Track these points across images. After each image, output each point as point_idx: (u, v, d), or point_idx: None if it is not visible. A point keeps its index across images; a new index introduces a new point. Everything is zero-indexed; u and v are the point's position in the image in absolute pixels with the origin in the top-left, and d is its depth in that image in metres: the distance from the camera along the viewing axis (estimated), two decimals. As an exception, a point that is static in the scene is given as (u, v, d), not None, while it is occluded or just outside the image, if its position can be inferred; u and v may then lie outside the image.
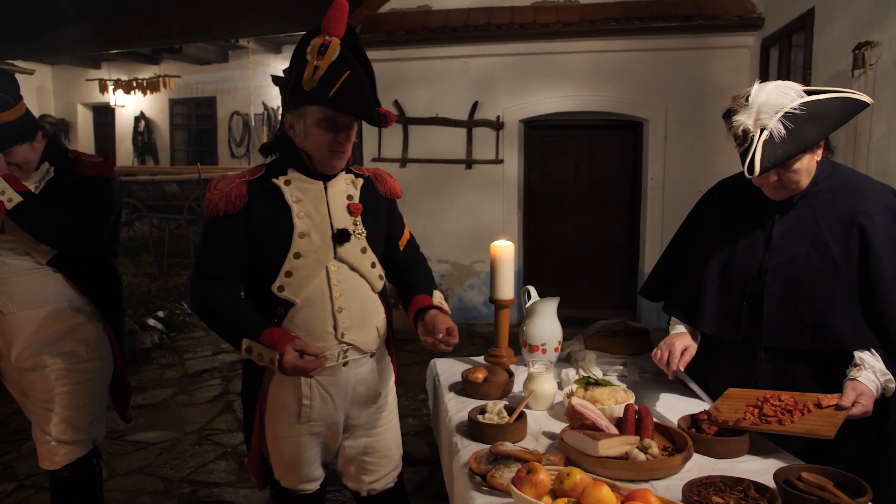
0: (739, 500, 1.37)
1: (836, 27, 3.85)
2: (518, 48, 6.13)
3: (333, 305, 1.91)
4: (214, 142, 13.84)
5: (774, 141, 1.76)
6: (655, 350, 2.09)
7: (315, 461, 2.10)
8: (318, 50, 1.78)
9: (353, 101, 1.79)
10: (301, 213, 1.89)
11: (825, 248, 1.87)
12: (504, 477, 1.57)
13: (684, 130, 5.98)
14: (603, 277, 6.80)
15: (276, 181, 1.89)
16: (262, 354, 1.75)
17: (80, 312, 2.50)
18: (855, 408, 1.72)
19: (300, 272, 1.87)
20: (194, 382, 5.21)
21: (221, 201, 1.84)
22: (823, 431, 1.62)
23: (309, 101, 1.81)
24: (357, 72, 1.79)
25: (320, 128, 1.83)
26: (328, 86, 1.75)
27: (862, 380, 1.76)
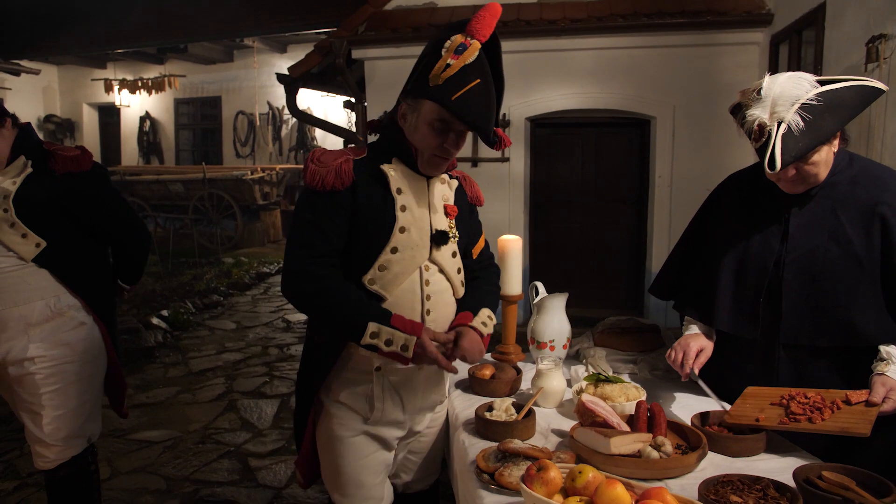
0: (758, 499, 1.31)
1: (849, 21, 3.78)
2: (524, 45, 6.07)
3: (423, 307, 1.82)
4: (219, 141, 13.85)
5: (793, 134, 1.71)
6: (669, 351, 2.03)
7: (378, 474, 1.92)
8: (456, 49, 1.67)
9: (473, 112, 1.67)
10: (403, 206, 1.78)
11: (845, 240, 1.82)
12: (513, 475, 1.52)
13: (692, 128, 5.91)
14: (610, 276, 6.73)
15: (383, 167, 1.78)
16: (393, 339, 1.66)
17: (68, 308, 2.44)
18: (886, 403, 1.66)
19: (394, 267, 1.77)
20: (198, 381, 5.18)
21: (330, 175, 1.72)
22: (859, 429, 1.56)
23: (429, 97, 1.70)
24: (488, 83, 1.69)
25: (432, 128, 1.73)
26: (453, 88, 1.65)
27: (891, 374, 1.71)
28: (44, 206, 2.35)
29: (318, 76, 7.00)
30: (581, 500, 1.26)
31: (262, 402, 4.68)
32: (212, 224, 11.17)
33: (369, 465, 1.89)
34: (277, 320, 7.06)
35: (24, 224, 2.31)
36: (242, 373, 5.36)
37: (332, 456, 1.89)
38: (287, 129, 13.41)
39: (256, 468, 3.69)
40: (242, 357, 5.78)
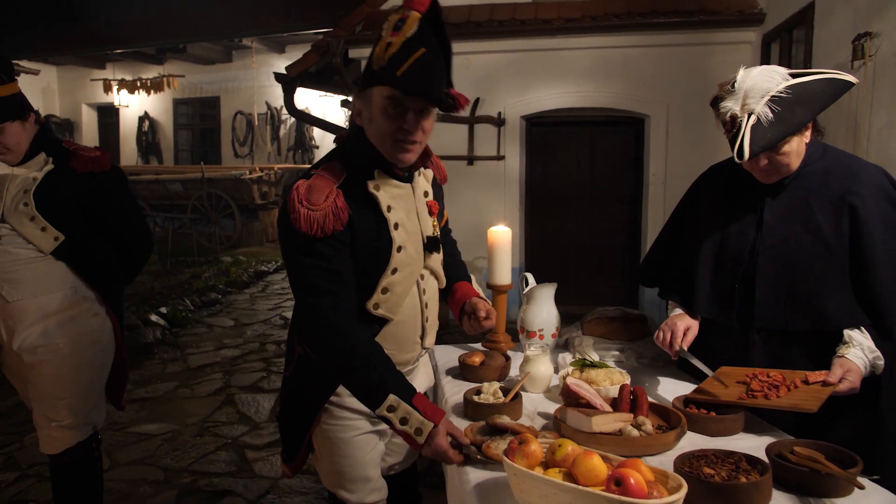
0: (731, 471, 1.37)
1: (836, 19, 3.85)
2: (519, 44, 6.15)
3: (423, 316, 1.81)
4: (218, 141, 13.92)
5: (762, 125, 1.77)
6: (657, 332, 2.09)
7: (378, 464, 1.93)
8: (395, 25, 1.55)
9: (420, 82, 1.52)
10: (396, 224, 1.69)
11: (817, 228, 1.88)
12: (499, 448, 1.57)
13: (686, 126, 5.98)
14: (605, 273, 6.79)
15: (371, 189, 1.66)
16: (410, 419, 1.56)
17: (83, 299, 2.53)
18: (842, 384, 1.72)
19: (396, 288, 1.71)
20: (196, 377, 5.23)
21: (328, 220, 1.58)
22: (807, 405, 1.63)
23: (376, 81, 1.57)
24: (433, 50, 1.54)
25: (385, 113, 1.59)
26: (398, 63, 1.51)
27: (850, 357, 1.77)
28: (63, 202, 2.45)
29: (316, 76, 7.07)
30: (560, 471, 1.31)
31: (259, 397, 4.73)
32: (210, 223, 11.23)
33: (373, 459, 1.90)
34: (275, 317, 7.11)
35: (43, 218, 2.39)
36: (240, 368, 5.41)
37: (338, 457, 1.85)
38: (285, 129, 13.47)
39: (253, 460, 3.74)
40: (240, 353, 5.83)
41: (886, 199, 1.87)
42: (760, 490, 1.30)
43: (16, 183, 2.41)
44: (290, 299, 8.01)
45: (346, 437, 1.83)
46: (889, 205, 1.87)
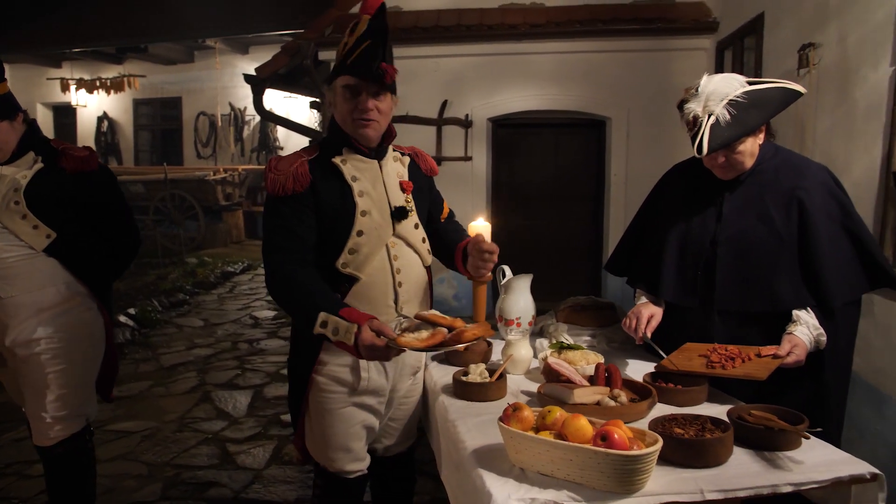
0: (698, 431, 1.56)
1: (784, 30, 4.13)
2: (486, 48, 6.32)
3: (395, 280, 2.00)
4: (180, 142, 13.76)
5: (720, 125, 1.98)
6: (624, 319, 2.28)
7: (362, 438, 2.10)
8: (351, 28, 1.90)
9: (363, 65, 1.86)
10: (361, 192, 1.95)
11: (770, 220, 2.09)
12: (408, 337, 1.71)
13: (646, 128, 6.24)
14: (569, 270, 7.01)
15: (334, 160, 1.96)
16: (339, 328, 1.74)
17: (77, 294, 2.60)
18: (789, 357, 1.94)
19: (363, 249, 1.94)
20: (170, 375, 5.26)
21: (289, 180, 1.89)
22: (757, 374, 1.84)
23: (335, 74, 1.93)
24: (376, 40, 1.87)
25: (343, 97, 1.92)
26: (349, 56, 1.87)
27: (797, 333, 1.99)
28: (54, 200, 2.51)
29: (285, 77, 7.12)
30: (551, 433, 1.48)
31: (235, 393, 4.80)
32: (174, 225, 11.13)
33: (357, 433, 2.07)
34: (245, 317, 7.15)
35: (35, 216, 2.45)
36: (214, 366, 5.46)
37: (323, 427, 2.05)
38: (249, 130, 13.41)
39: (235, 453, 3.83)
40: (213, 352, 5.87)
41: (829, 194, 2.10)
42: (724, 444, 1.50)
43: (5, 182, 2.46)
44: (258, 299, 8.04)
45: (330, 408, 2.03)
46: (832, 199, 2.10)
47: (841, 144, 3.42)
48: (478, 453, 1.61)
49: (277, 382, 5.00)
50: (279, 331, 6.54)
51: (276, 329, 6.61)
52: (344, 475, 2.08)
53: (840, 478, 1.47)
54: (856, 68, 3.27)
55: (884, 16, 3.03)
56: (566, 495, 1.36)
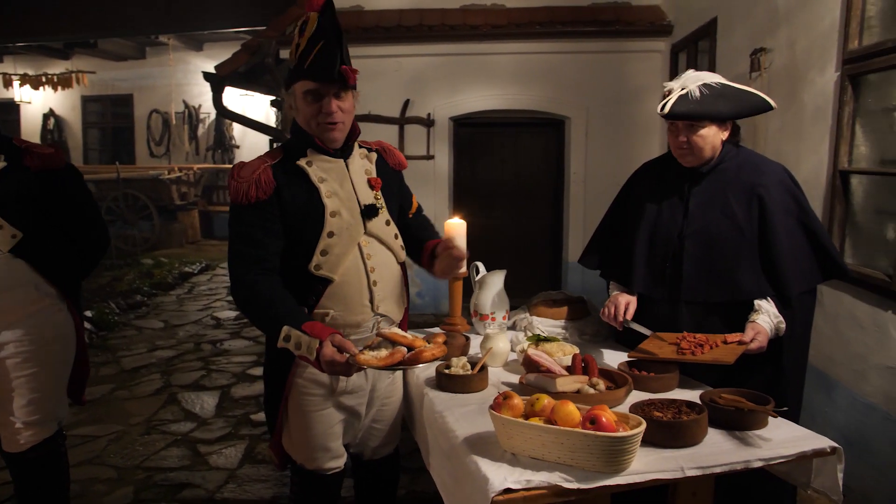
0: (675, 413, 1.67)
1: (736, 34, 4.33)
2: (448, 48, 6.40)
3: (369, 279, 1.99)
4: (132, 141, 13.42)
5: (689, 98, 2.13)
6: (602, 308, 2.39)
7: (340, 437, 2.11)
8: (300, 28, 1.85)
9: (323, 69, 1.83)
10: (329, 193, 1.93)
11: (732, 215, 2.23)
12: (367, 355, 1.73)
13: (604, 127, 6.42)
14: (530, 267, 7.15)
15: (299, 163, 1.93)
16: (301, 343, 1.75)
17: (46, 296, 2.55)
18: (753, 344, 2.08)
19: (335, 250, 1.92)
20: (132, 378, 5.17)
21: (252, 188, 1.86)
22: (725, 359, 1.98)
23: (294, 79, 1.89)
24: (329, 39, 1.84)
25: (305, 101, 1.89)
26: (305, 58, 1.83)
27: (759, 321, 2.13)
28: (19, 200, 2.44)
29: (245, 75, 7.07)
30: (540, 419, 1.57)
31: (202, 394, 4.75)
32: (127, 225, 10.87)
33: (335, 432, 2.09)
34: (206, 318, 7.05)
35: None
36: (178, 368, 5.39)
37: (302, 428, 2.05)
38: (204, 129, 13.17)
39: (207, 453, 3.81)
40: (176, 353, 5.79)
41: (787, 191, 2.25)
42: (700, 425, 1.61)
43: None
44: (219, 300, 7.94)
45: (309, 410, 2.04)
46: (789, 196, 2.25)
47: (791, 144, 3.62)
48: (469, 441, 1.69)
49: (244, 382, 4.98)
50: (242, 331, 6.48)
51: (240, 329, 6.55)
52: (322, 472, 2.10)
53: (804, 452, 1.60)
54: (804, 72, 3.47)
55: (829, 23, 3.23)
56: (559, 476, 1.45)
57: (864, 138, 3.10)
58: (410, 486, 3.27)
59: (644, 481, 1.48)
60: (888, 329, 2.81)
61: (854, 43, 3.05)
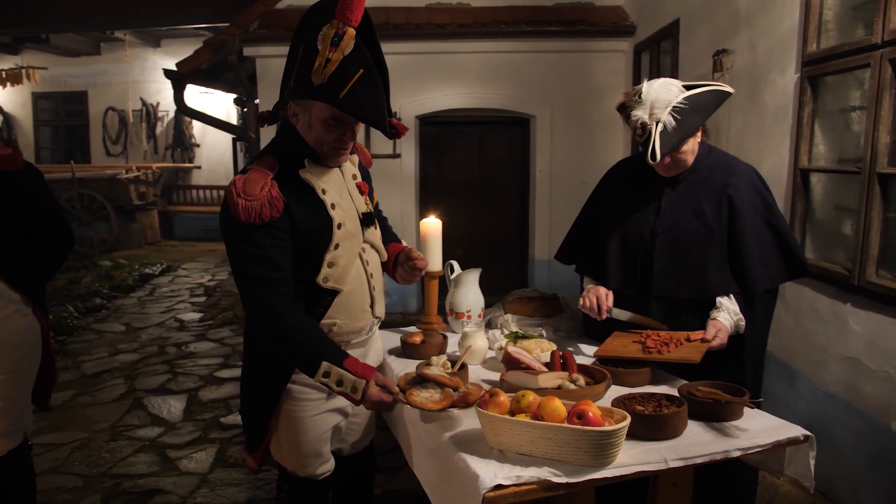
0: (656, 407, 1.72)
1: (698, 36, 4.43)
2: (414, 47, 6.39)
3: (370, 285, 1.98)
4: (87, 139, 13.03)
5: (668, 131, 2.15)
6: (582, 300, 2.43)
7: (329, 441, 2.09)
8: (332, 40, 1.63)
9: (365, 106, 1.68)
10: (333, 205, 1.86)
11: (702, 214, 2.29)
12: (420, 396, 1.77)
13: (568, 126, 6.51)
14: (497, 264, 7.19)
15: (303, 175, 1.82)
16: (344, 381, 1.72)
17: (10, 302, 2.47)
18: (714, 341, 2.15)
19: (341, 261, 1.87)
20: (95, 383, 5.04)
21: (265, 208, 1.72)
22: (692, 357, 2.04)
23: (317, 97, 1.70)
24: (371, 71, 1.66)
25: (326, 126, 1.76)
26: (339, 84, 1.63)
27: (720, 319, 2.20)
28: None
29: (207, 73, 6.95)
30: (527, 415, 1.59)
31: (169, 398, 4.66)
32: (83, 226, 10.56)
33: (326, 437, 2.09)
34: (169, 320, 6.92)
35: None
36: (142, 372, 5.27)
37: (294, 434, 2.01)
38: (162, 127, 12.88)
39: (176, 458, 3.74)
40: (139, 357, 5.66)
41: (755, 192, 2.33)
42: (680, 418, 1.66)
43: None
44: (181, 302, 7.79)
45: (304, 416, 2.00)
46: (757, 196, 2.33)
47: (753, 142, 3.73)
48: (455, 439, 1.70)
49: (212, 385, 4.90)
50: (207, 333, 6.38)
51: (204, 331, 6.44)
52: (314, 479, 2.08)
53: (779, 441, 1.67)
54: (765, 73, 3.58)
55: (789, 26, 3.33)
56: (547, 471, 1.48)
57: (823, 137, 3.21)
58: (387, 485, 3.27)
59: (630, 473, 1.52)
60: (847, 321, 2.92)
61: (812, 46, 3.16)
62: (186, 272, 9.59)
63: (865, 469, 2.80)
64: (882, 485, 2.71)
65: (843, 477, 2.92)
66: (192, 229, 12.37)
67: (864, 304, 2.81)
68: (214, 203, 12.54)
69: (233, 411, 4.38)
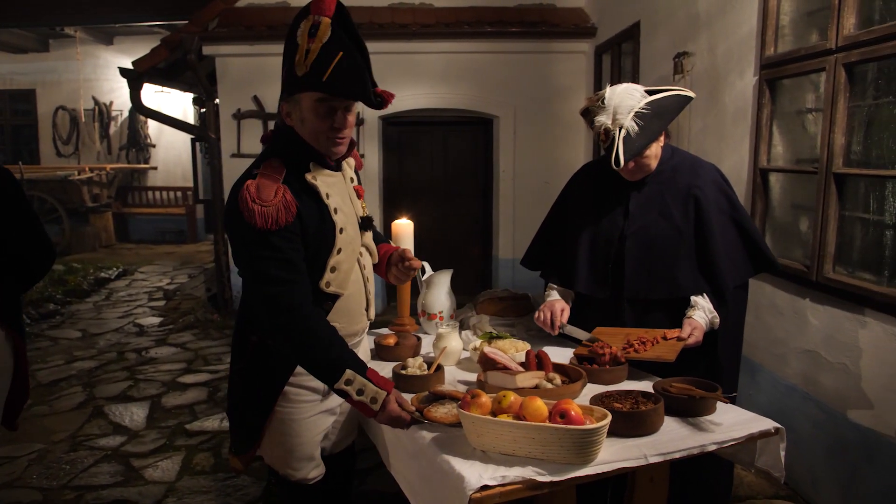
0: (633, 404, 1.75)
1: (659, 38, 4.53)
2: (377, 47, 6.28)
3: (366, 289, 2.01)
4: (35, 139, 12.58)
5: (631, 137, 2.19)
6: (537, 313, 2.46)
7: (319, 444, 2.10)
8: (309, 32, 1.69)
9: (349, 84, 1.71)
10: (336, 209, 1.87)
11: (670, 216, 2.34)
12: (438, 412, 1.83)
13: (530, 126, 6.57)
14: (461, 264, 7.15)
15: (309, 179, 1.83)
16: (365, 390, 1.73)
17: None
18: (690, 339, 2.20)
19: (343, 266, 1.90)
20: (51, 392, 4.88)
21: (281, 213, 1.74)
22: (667, 356, 2.10)
23: (303, 88, 1.73)
24: (350, 51, 1.71)
25: (316, 114, 1.77)
26: (321, 69, 1.68)
27: (695, 317, 2.25)
28: None
29: (165, 71, 6.79)
30: (509, 415, 1.61)
31: (131, 406, 4.55)
32: (33, 229, 10.20)
33: (318, 440, 2.09)
34: (128, 325, 6.74)
35: None
36: (101, 379, 5.13)
37: (287, 437, 2.01)
38: (116, 127, 12.53)
39: (141, 467, 3.65)
40: (97, 364, 5.51)
41: (720, 191, 2.39)
42: (658, 414, 1.70)
43: None
44: (139, 306, 7.60)
45: (300, 418, 2.00)
46: (721, 195, 2.39)
47: (713, 143, 3.83)
48: (437, 441, 1.71)
49: (175, 391, 4.80)
50: (168, 338, 6.24)
51: (165, 336, 6.30)
52: (306, 482, 2.08)
53: (752, 434, 1.72)
54: (724, 76, 3.68)
55: (747, 30, 3.43)
56: (532, 470, 1.49)
57: (781, 138, 3.32)
58: (361, 486, 3.26)
59: (611, 470, 1.54)
60: (806, 315, 3.03)
61: (771, 49, 3.26)
62: (144, 275, 9.36)
63: (824, 457, 2.91)
64: (839, 471, 2.82)
65: (803, 465, 3.03)
66: (148, 232, 12.08)
67: (822, 299, 2.92)
68: (171, 205, 12.27)
69: (198, 417, 4.30)
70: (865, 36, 2.62)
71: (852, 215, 2.83)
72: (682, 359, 2.16)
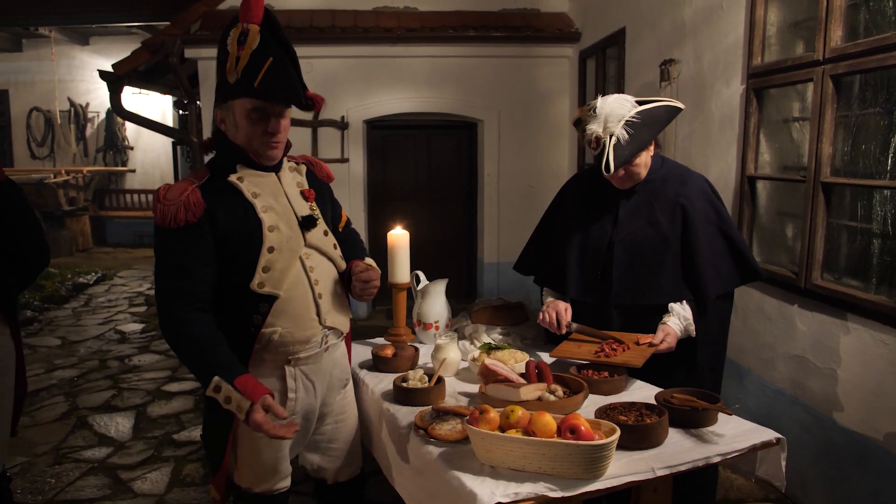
0: (637, 417, 1.77)
1: (645, 45, 4.57)
2: (361, 51, 6.35)
3: (314, 292, 1.95)
4: (9, 141, 12.32)
5: (621, 144, 2.23)
6: (541, 315, 2.48)
7: (288, 457, 2.07)
8: (238, 39, 1.74)
9: (279, 88, 1.75)
10: (264, 207, 1.87)
11: (657, 224, 2.38)
12: (443, 429, 1.83)
13: (515, 130, 6.60)
14: (445, 268, 7.22)
15: (231, 180, 1.85)
16: (231, 398, 1.70)
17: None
18: (662, 344, 2.24)
19: (277, 265, 1.86)
20: (32, 403, 4.78)
21: (180, 211, 1.77)
22: (634, 362, 2.14)
23: (235, 94, 1.78)
24: (280, 56, 1.76)
25: (249, 119, 1.81)
26: (252, 75, 1.73)
27: (670, 323, 2.29)
28: None
29: (145, 74, 6.70)
30: (517, 430, 1.61)
31: (116, 416, 4.48)
32: (7, 233, 10.01)
33: (284, 454, 2.06)
34: (109, 332, 6.64)
35: None
36: (84, 389, 5.04)
37: (251, 453, 1.99)
38: (93, 129, 12.32)
39: (129, 479, 3.60)
40: (79, 373, 5.41)
41: (707, 201, 2.43)
42: (663, 427, 1.72)
43: None
44: (120, 312, 7.49)
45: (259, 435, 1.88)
46: (709, 205, 2.43)
47: (699, 150, 3.88)
48: (444, 457, 1.71)
49: (161, 400, 4.74)
50: (151, 344, 6.15)
51: (148, 343, 6.21)
52: (270, 494, 2.05)
53: (755, 445, 1.75)
54: (711, 84, 3.73)
55: (734, 40, 3.48)
56: (543, 486, 1.50)
57: (767, 146, 3.38)
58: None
59: (620, 484, 1.56)
60: (794, 321, 3.09)
61: (758, 59, 3.31)
62: (123, 280, 9.22)
63: (812, 460, 2.97)
64: (827, 474, 2.88)
65: (791, 468, 3.07)
66: (125, 235, 11.90)
67: (810, 305, 2.97)
68: (149, 207, 12.09)
69: (185, 427, 4.24)
70: (852, 49, 2.68)
71: (839, 223, 2.89)
72: (656, 365, 2.19)
